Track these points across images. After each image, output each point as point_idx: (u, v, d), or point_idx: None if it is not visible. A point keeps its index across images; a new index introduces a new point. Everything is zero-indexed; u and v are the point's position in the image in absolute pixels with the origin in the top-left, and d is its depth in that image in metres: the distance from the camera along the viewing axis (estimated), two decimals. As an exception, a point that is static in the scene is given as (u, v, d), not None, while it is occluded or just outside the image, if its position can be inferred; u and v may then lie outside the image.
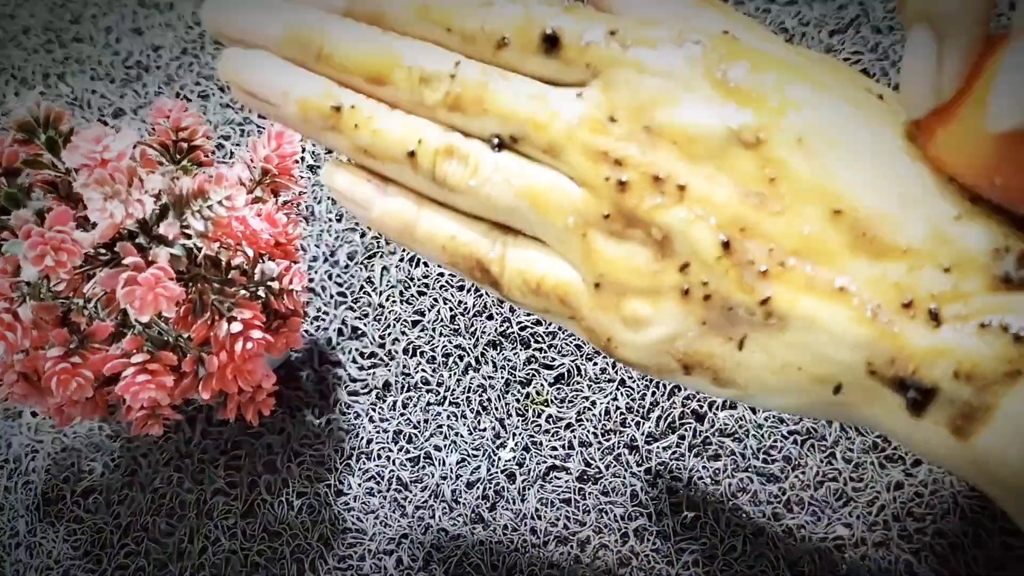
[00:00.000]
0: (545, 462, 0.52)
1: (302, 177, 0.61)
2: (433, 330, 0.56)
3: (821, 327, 0.25)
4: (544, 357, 0.55)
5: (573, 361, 0.55)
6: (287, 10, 0.30)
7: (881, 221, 0.25)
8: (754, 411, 0.52)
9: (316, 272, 0.59)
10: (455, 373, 0.55)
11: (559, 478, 0.52)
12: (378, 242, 0.59)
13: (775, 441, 0.52)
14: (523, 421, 0.53)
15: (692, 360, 0.28)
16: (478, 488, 0.52)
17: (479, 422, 0.54)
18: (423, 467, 0.53)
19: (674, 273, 0.27)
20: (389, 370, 0.56)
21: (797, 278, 0.25)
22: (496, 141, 0.29)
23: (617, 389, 0.54)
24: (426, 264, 0.58)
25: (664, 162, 0.27)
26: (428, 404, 0.55)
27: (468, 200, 0.30)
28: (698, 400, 0.53)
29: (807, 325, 0.25)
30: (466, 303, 0.57)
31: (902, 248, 0.25)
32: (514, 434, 0.53)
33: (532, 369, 0.55)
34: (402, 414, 0.55)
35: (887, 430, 0.26)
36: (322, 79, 0.30)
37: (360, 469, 0.53)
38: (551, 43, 0.28)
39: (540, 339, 0.55)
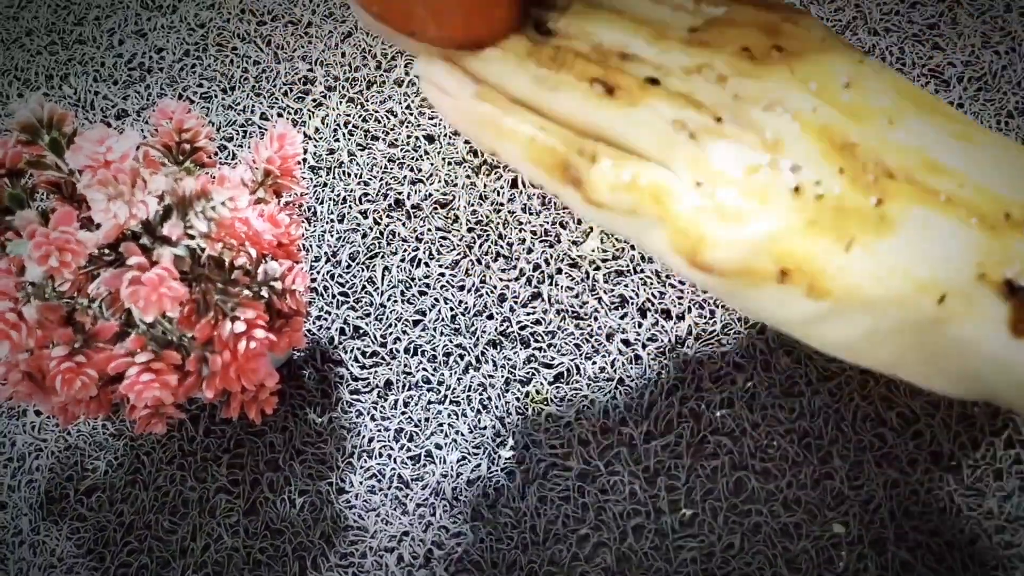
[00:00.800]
0: (545, 461, 0.53)
1: (304, 178, 0.61)
2: (434, 329, 0.57)
3: (934, 228, 0.25)
4: (544, 356, 0.55)
5: (572, 360, 0.55)
6: None
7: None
8: (751, 410, 0.53)
9: (318, 272, 0.59)
10: (456, 372, 0.56)
11: (559, 476, 0.52)
12: (379, 242, 0.59)
13: (772, 440, 0.52)
14: (523, 420, 0.54)
15: (791, 261, 0.27)
16: (478, 486, 0.53)
17: (479, 420, 0.54)
18: (424, 465, 0.54)
19: (786, 171, 0.27)
20: (390, 369, 0.56)
21: (907, 187, 0.26)
22: None
23: (616, 388, 0.54)
24: (427, 264, 0.58)
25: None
26: (429, 403, 0.55)
27: (565, 99, 0.30)
28: (695, 399, 0.53)
29: (920, 226, 0.26)
30: (467, 303, 0.57)
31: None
32: (514, 433, 0.54)
33: (532, 368, 0.55)
34: (403, 412, 0.55)
35: (984, 353, 0.26)
36: None
37: (362, 467, 0.54)
38: None
39: (540, 338, 0.56)
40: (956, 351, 0.26)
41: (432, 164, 0.61)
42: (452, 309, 0.57)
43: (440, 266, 0.58)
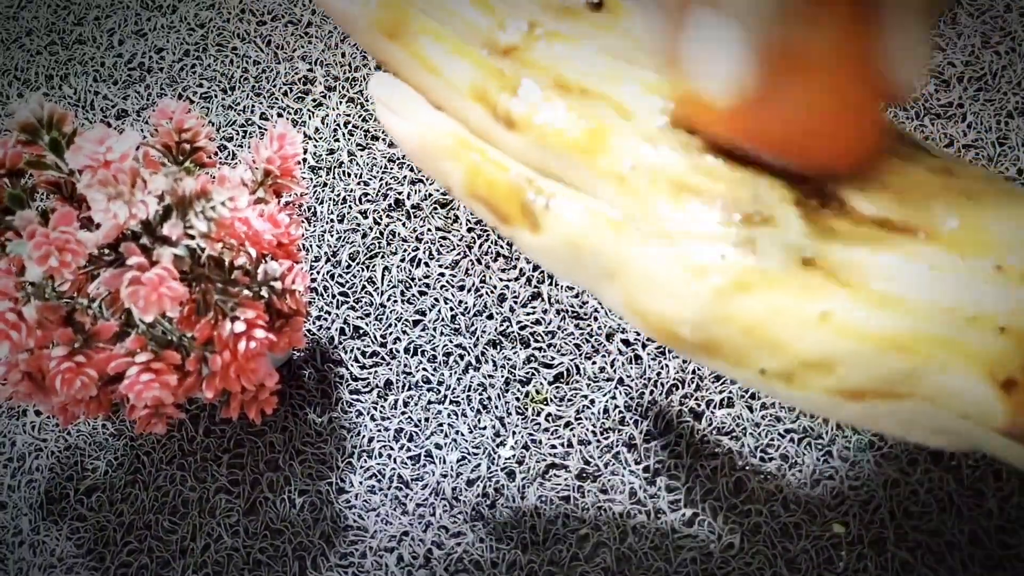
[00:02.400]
0: (544, 460, 0.53)
1: (304, 178, 0.61)
2: (434, 329, 0.57)
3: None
4: (544, 356, 0.55)
5: (572, 360, 0.55)
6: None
7: None
8: (751, 410, 0.53)
9: (318, 272, 0.59)
10: (455, 372, 0.56)
11: (558, 476, 0.52)
12: (379, 243, 0.59)
13: (772, 439, 0.52)
14: (523, 419, 0.54)
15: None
16: (478, 486, 0.53)
17: (479, 420, 0.54)
18: (424, 465, 0.54)
19: (745, 225, 0.27)
20: (390, 369, 0.56)
21: None
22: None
23: (616, 388, 0.54)
24: (427, 264, 0.58)
25: None
26: (429, 403, 0.55)
27: (523, 138, 0.30)
28: (696, 399, 0.53)
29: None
30: (466, 303, 0.57)
31: None
32: (514, 432, 0.54)
33: (532, 368, 0.55)
34: (403, 412, 0.55)
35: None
36: None
37: (361, 467, 0.54)
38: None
39: (540, 338, 0.56)
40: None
41: (432, 164, 0.61)
42: (452, 309, 0.57)
43: (440, 266, 0.58)
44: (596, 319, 0.56)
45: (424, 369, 0.56)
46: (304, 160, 0.62)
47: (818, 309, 0.26)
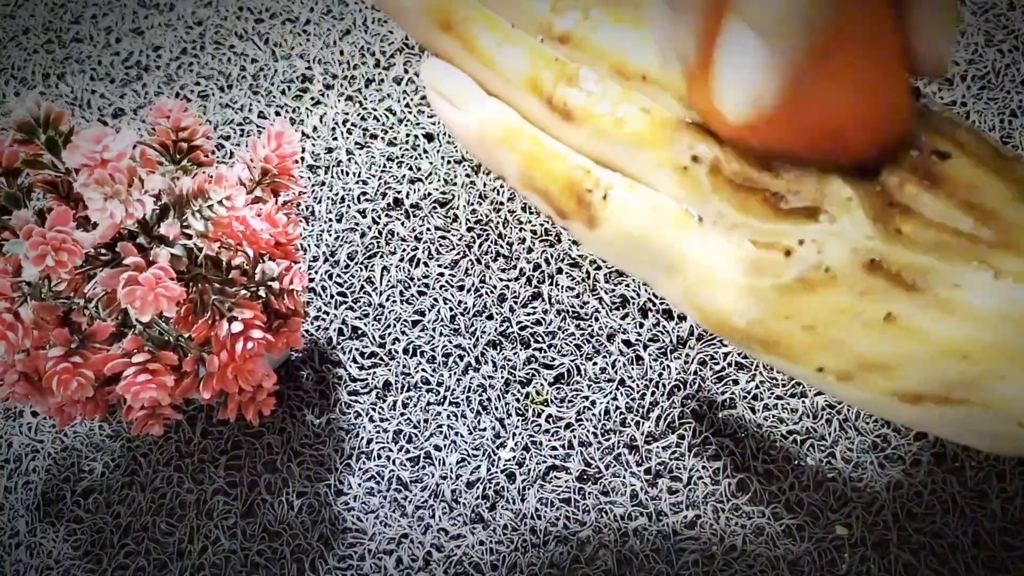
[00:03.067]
0: (545, 462, 0.52)
1: (302, 177, 0.61)
2: (433, 330, 0.56)
3: None
4: (544, 357, 0.55)
5: (573, 361, 0.55)
6: None
7: None
8: (753, 411, 0.52)
9: (316, 272, 0.59)
10: (455, 373, 0.55)
11: (559, 478, 0.52)
12: (378, 242, 0.59)
13: (775, 441, 0.52)
14: (523, 421, 0.54)
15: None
16: (478, 488, 0.52)
17: (479, 422, 0.54)
18: (423, 467, 0.53)
19: (811, 221, 0.26)
20: (389, 370, 0.56)
21: None
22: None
23: (617, 389, 0.54)
24: (426, 264, 0.58)
25: None
26: (428, 404, 0.55)
27: (581, 131, 0.29)
28: (697, 400, 0.53)
29: None
30: (466, 303, 0.57)
31: None
32: (514, 434, 0.53)
33: (532, 369, 0.55)
34: (402, 414, 0.55)
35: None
36: None
37: (360, 469, 0.53)
38: None
39: (540, 339, 0.55)
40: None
41: (431, 163, 0.61)
42: (452, 309, 0.57)
43: (439, 266, 0.58)
44: (597, 320, 0.55)
45: (423, 370, 0.55)
46: (302, 159, 0.62)
47: (882, 311, 0.25)
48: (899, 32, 0.25)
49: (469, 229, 0.59)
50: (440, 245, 0.58)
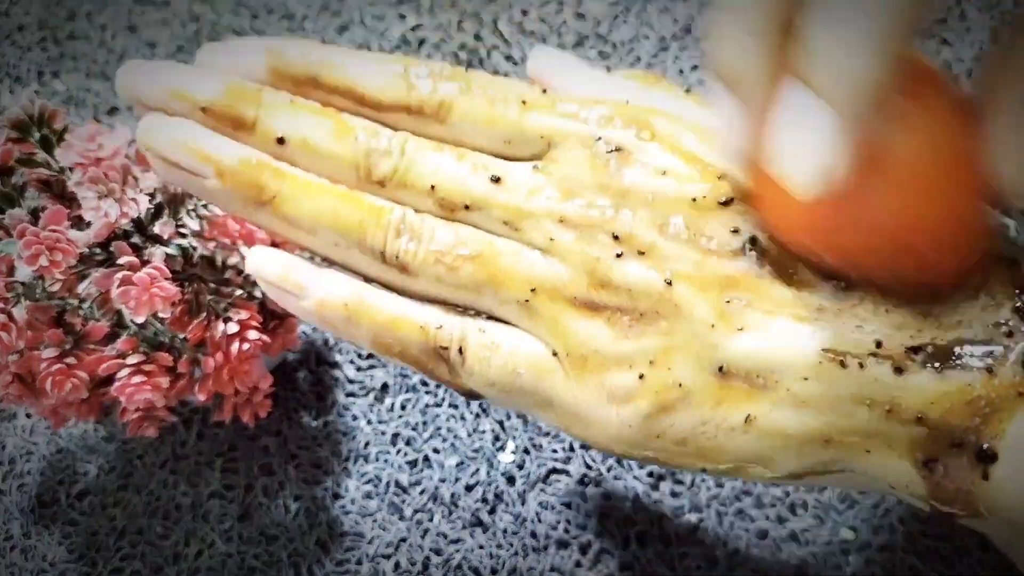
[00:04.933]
0: (545, 465, 0.52)
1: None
2: (432, 331, 0.56)
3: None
4: (544, 358, 0.54)
5: (574, 362, 0.54)
6: (216, 76, 0.28)
7: None
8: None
9: (314, 272, 0.58)
10: (454, 374, 0.55)
11: (560, 481, 0.52)
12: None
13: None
14: (523, 423, 0.53)
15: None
16: (477, 491, 0.52)
17: (478, 424, 0.53)
18: (422, 470, 0.53)
19: (656, 336, 0.26)
20: (387, 371, 0.55)
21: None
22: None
23: (618, 391, 0.53)
24: (425, 264, 0.57)
25: (630, 223, 0.27)
26: (427, 406, 0.54)
27: (419, 280, 0.28)
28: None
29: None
30: (465, 303, 0.56)
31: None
32: (514, 436, 0.53)
33: (532, 370, 0.54)
34: (400, 416, 0.54)
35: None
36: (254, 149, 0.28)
37: (358, 472, 0.53)
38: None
39: (540, 340, 0.55)
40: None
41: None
42: (451, 310, 0.56)
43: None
44: (598, 320, 0.55)
45: (422, 371, 0.55)
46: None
47: (741, 416, 0.26)
48: (975, 159, 0.23)
49: (469, 229, 0.58)
50: (439, 245, 0.58)
